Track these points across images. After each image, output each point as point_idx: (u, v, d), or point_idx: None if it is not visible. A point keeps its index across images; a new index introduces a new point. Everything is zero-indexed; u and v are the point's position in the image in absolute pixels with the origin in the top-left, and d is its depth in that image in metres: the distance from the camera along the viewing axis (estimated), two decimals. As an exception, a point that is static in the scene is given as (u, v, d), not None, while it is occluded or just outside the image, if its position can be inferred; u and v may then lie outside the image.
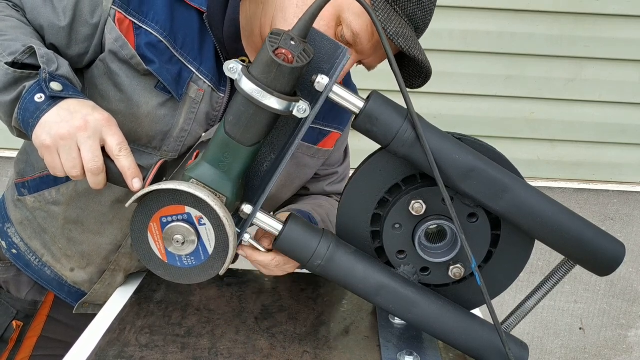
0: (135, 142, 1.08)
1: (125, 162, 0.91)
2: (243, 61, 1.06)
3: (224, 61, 1.07)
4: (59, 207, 1.19)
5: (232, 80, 1.09)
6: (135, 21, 1.02)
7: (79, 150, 0.90)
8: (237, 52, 1.08)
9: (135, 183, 0.92)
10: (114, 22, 1.02)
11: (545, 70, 2.29)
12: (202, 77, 1.06)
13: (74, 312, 1.29)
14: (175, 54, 1.04)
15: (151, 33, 1.02)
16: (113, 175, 0.93)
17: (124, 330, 1.06)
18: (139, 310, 1.13)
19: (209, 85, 1.07)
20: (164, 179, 0.97)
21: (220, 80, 1.09)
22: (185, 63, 1.05)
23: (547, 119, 2.35)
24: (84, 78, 1.08)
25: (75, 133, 0.89)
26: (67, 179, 0.98)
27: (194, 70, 1.06)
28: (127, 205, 0.88)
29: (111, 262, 1.23)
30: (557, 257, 0.97)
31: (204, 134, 1.10)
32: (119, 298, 1.20)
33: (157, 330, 1.07)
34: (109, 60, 1.04)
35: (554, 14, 2.23)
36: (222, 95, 1.09)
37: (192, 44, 1.05)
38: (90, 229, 1.19)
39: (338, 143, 1.26)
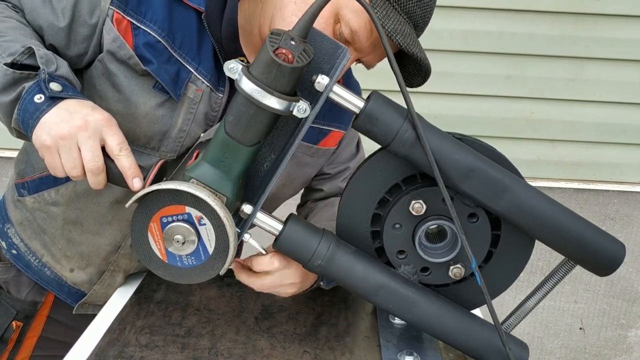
0: (134, 142, 1.08)
1: (126, 161, 0.91)
2: (241, 61, 1.06)
3: (222, 61, 1.07)
4: (58, 207, 1.19)
5: (231, 81, 1.08)
6: (133, 21, 1.02)
7: (79, 150, 0.90)
8: (235, 51, 1.07)
9: (135, 183, 0.92)
10: (112, 22, 1.02)
11: (546, 70, 2.29)
12: (200, 77, 1.06)
13: (73, 312, 1.29)
14: (174, 54, 1.04)
15: (149, 33, 1.02)
16: (113, 175, 0.93)
17: (124, 330, 1.06)
18: (139, 310, 1.13)
19: (208, 85, 1.07)
20: (164, 179, 0.97)
21: (219, 81, 1.08)
22: (184, 63, 1.05)
23: (548, 119, 2.35)
24: (83, 78, 1.08)
25: (76, 133, 0.89)
26: (67, 179, 0.98)
27: (192, 71, 1.06)
28: (127, 205, 0.88)
29: (110, 262, 1.23)
30: (557, 257, 0.97)
31: (202, 135, 1.10)
32: (119, 298, 1.20)
33: (157, 330, 1.07)
34: (107, 61, 1.04)
35: (554, 14, 2.22)
36: (221, 95, 1.09)
37: (190, 44, 1.05)
38: (89, 230, 1.19)
39: (343, 141, 1.26)
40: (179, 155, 1.11)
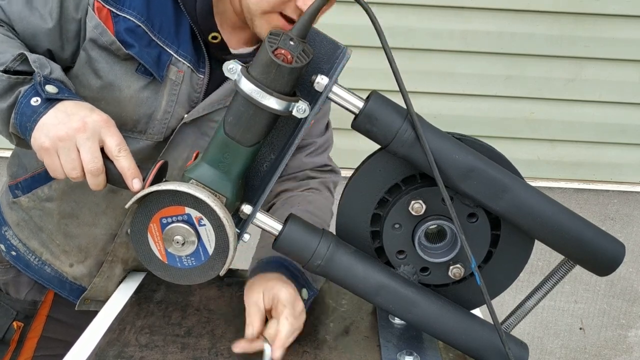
0: (121, 127, 1.09)
1: (125, 162, 0.92)
2: (215, 37, 1.09)
3: (201, 41, 1.11)
4: (52, 203, 1.21)
5: (210, 62, 1.12)
6: (113, 9, 1.05)
7: (78, 151, 0.90)
8: (210, 28, 1.10)
9: (135, 183, 0.92)
10: (94, 11, 1.05)
11: (545, 70, 2.28)
12: (180, 59, 1.09)
13: (76, 308, 1.29)
14: (154, 38, 1.07)
15: (129, 19, 1.05)
16: (113, 176, 0.93)
17: (124, 330, 1.06)
18: (139, 310, 1.13)
19: (188, 66, 1.10)
20: (164, 179, 0.97)
21: (199, 62, 1.11)
22: (164, 47, 1.08)
23: (547, 119, 2.35)
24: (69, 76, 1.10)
25: (74, 135, 0.89)
26: None
27: (172, 53, 1.09)
28: (127, 206, 0.88)
29: (108, 252, 1.24)
30: (557, 257, 0.98)
31: (185, 115, 1.12)
32: (119, 298, 1.20)
33: (157, 330, 1.07)
34: (89, 48, 1.07)
35: (554, 14, 2.22)
36: (202, 76, 1.12)
37: (168, 28, 1.08)
38: (85, 221, 1.21)
39: (317, 116, 1.26)
40: (165, 138, 1.13)
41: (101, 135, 0.91)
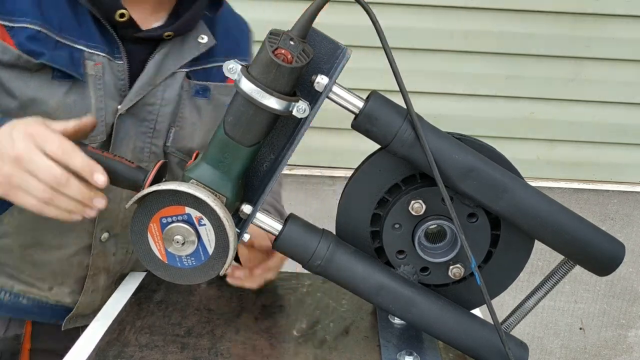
0: None
1: (76, 162, 0.85)
2: (122, 15, 1.04)
3: (107, 23, 1.06)
4: (9, 238, 1.14)
5: (125, 46, 1.08)
6: (5, 23, 1.00)
7: (32, 174, 0.85)
8: (116, 6, 1.05)
9: (98, 179, 0.86)
10: None
11: (545, 70, 2.29)
12: (94, 51, 1.05)
13: (62, 329, 1.22)
14: (59, 39, 1.02)
15: (26, 27, 1.00)
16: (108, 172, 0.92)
17: (124, 330, 1.06)
18: (139, 310, 1.13)
19: (104, 56, 1.06)
20: (164, 179, 0.97)
21: (113, 48, 1.08)
22: (72, 44, 1.03)
23: (547, 119, 2.35)
24: None
25: (19, 167, 0.84)
26: (6, 208, 0.96)
27: (83, 48, 1.04)
28: (127, 206, 0.88)
29: (88, 267, 1.18)
30: (557, 257, 0.98)
31: (119, 107, 1.08)
32: (119, 298, 1.20)
33: (157, 330, 1.07)
34: None
35: (554, 14, 2.23)
36: (121, 62, 1.08)
37: (69, 24, 1.03)
38: (51, 246, 1.14)
39: None
40: (108, 135, 1.09)
41: (40, 146, 0.84)
